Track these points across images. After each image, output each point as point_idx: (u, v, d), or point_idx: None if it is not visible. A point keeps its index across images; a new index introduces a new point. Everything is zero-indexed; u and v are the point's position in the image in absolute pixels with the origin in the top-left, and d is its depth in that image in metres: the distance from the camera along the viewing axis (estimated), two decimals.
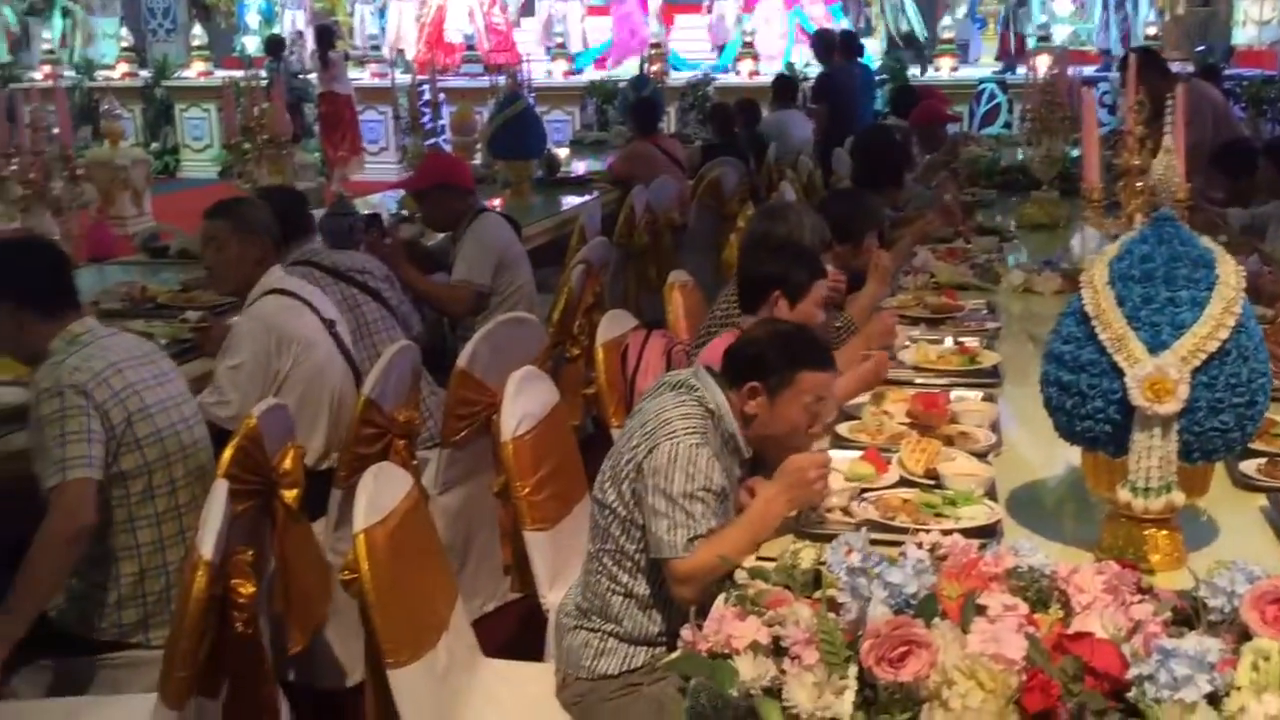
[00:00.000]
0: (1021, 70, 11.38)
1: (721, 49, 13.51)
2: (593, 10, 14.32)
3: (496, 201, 6.56)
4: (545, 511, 2.79)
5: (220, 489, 2.23)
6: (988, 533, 2.13)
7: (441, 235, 5.09)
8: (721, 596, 1.79)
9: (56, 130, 4.76)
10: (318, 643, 3.10)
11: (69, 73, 14.09)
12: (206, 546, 2.12)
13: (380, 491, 2.21)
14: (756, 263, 3.07)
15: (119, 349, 2.69)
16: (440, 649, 2.27)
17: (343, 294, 3.82)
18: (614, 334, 3.51)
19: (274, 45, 12.24)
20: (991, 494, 2.34)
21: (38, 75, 13.75)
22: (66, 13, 14.98)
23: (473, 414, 3.37)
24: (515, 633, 3.46)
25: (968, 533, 2.02)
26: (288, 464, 2.70)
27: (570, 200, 6.92)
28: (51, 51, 14.36)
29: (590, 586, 2.47)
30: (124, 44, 14.45)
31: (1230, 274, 1.89)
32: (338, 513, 3.11)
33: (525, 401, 2.84)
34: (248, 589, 2.27)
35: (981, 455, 2.55)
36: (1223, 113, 6.81)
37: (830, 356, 2.52)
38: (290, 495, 2.70)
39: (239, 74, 12.10)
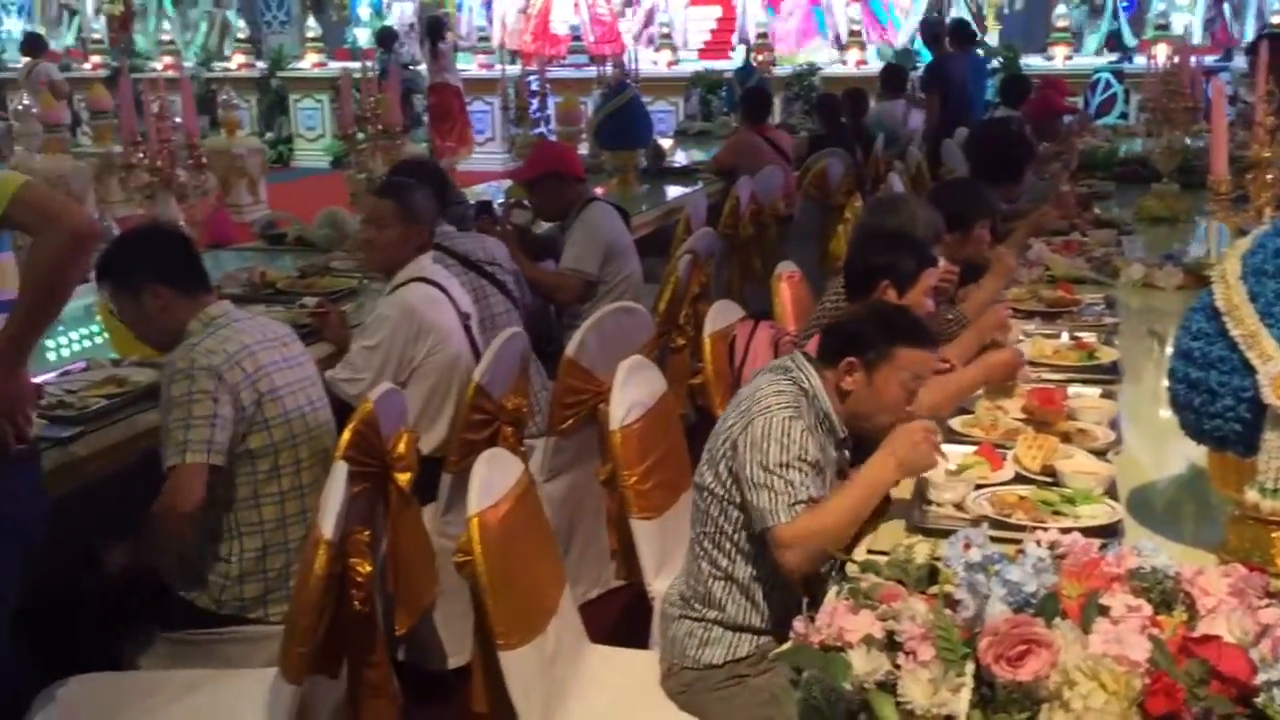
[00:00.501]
0: (1139, 60, 11.11)
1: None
2: (695, 1, 14.31)
3: (600, 191, 6.60)
4: (652, 500, 2.80)
5: (340, 470, 2.28)
6: (1108, 532, 2.08)
7: (550, 224, 5.13)
8: (833, 589, 1.78)
9: (180, 119, 4.91)
10: (423, 624, 3.16)
11: (188, 64, 14.52)
12: (327, 526, 2.17)
13: (493, 476, 2.24)
14: (866, 253, 3.04)
15: (253, 332, 2.76)
16: (549, 633, 2.29)
17: (472, 284, 3.88)
18: (721, 325, 3.50)
19: (385, 37, 12.46)
20: (1111, 493, 2.29)
21: (158, 65, 14.20)
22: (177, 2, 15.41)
23: (579, 402, 3.39)
24: (619, 620, 3.48)
25: (1088, 532, 1.96)
26: (401, 448, 2.75)
27: (675, 190, 6.93)
28: (172, 42, 14.80)
29: (692, 573, 2.48)
30: (240, 36, 14.84)
31: None
32: (448, 497, 3.16)
33: (634, 390, 2.85)
34: (365, 568, 2.32)
35: (1101, 453, 2.49)
36: None
37: (930, 335, 2.50)
38: (403, 479, 2.75)
39: (353, 65, 12.39)
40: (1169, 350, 2.26)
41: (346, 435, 2.59)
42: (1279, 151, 2.72)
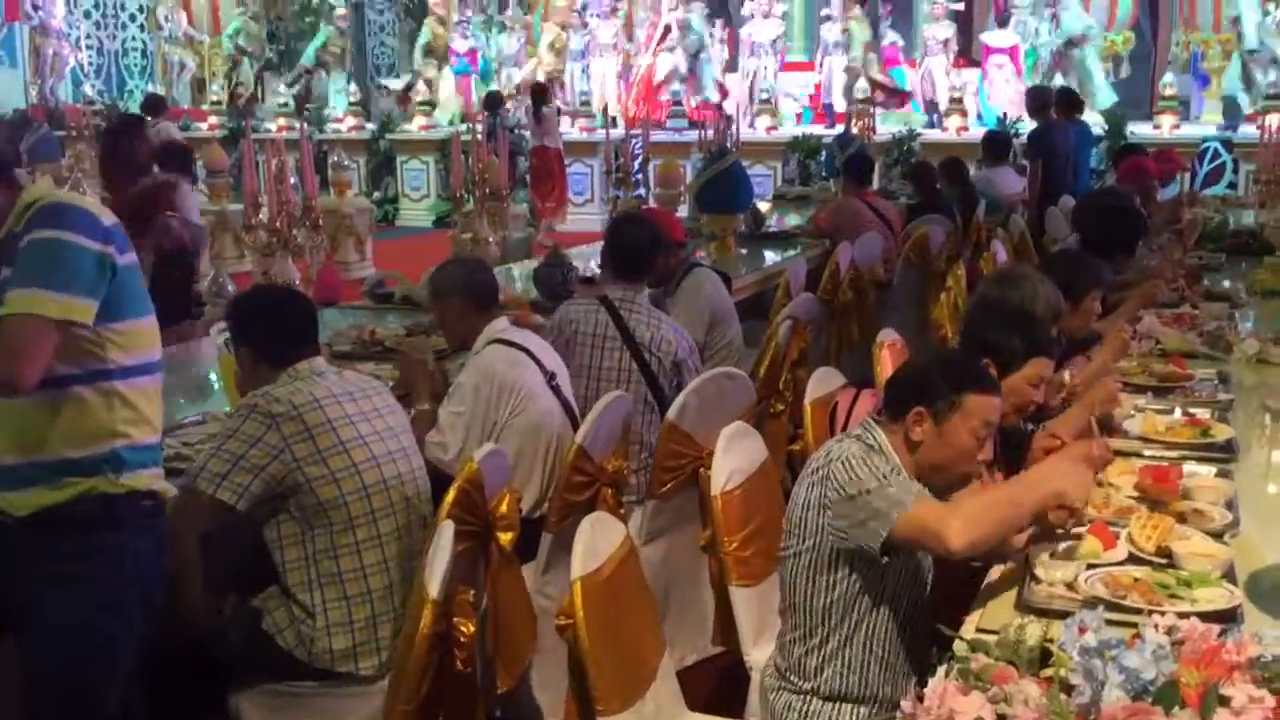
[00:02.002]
0: (1249, 129, 10.89)
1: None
2: (788, 66, 14.42)
3: (700, 254, 6.65)
4: (751, 567, 2.79)
5: (447, 530, 2.31)
6: (1227, 618, 2.02)
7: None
8: (942, 669, 1.75)
9: (294, 180, 5.08)
10: (520, 684, 3.17)
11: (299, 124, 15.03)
12: (434, 586, 2.20)
13: (596, 540, 2.26)
14: (980, 326, 3.01)
15: (333, 385, 2.83)
16: (648, 699, 2.29)
17: (620, 362, 3.94)
18: (823, 392, 3.49)
19: (492, 101, 12.75)
20: (1229, 576, 2.22)
21: (272, 127, 14.71)
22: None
23: (680, 466, 3.40)
24: (716, 688, 3.45)
25: (1205, 617, 1.92)
26: (504, 508, 2.78)
27: (774, 254, 6.95)
28: (285, 105, 15.32)
29: (786, 645, 2.46)
30: (351, 99, 15.31)
31: None
32: (547, 557, 3.18)
33: (735, 457, 2.85)
34: (469, 628, 2.35)
35: (1217, 535, 2.42)
36: None
37: (994, 380, 2.48)
38: (506, 538, 2.78)
39: (461, 128, 12.71)
40: None
41: (451, 494, 2.63)
42: None
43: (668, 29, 14.61)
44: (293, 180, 5.08)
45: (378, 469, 2.81)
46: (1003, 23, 13.56)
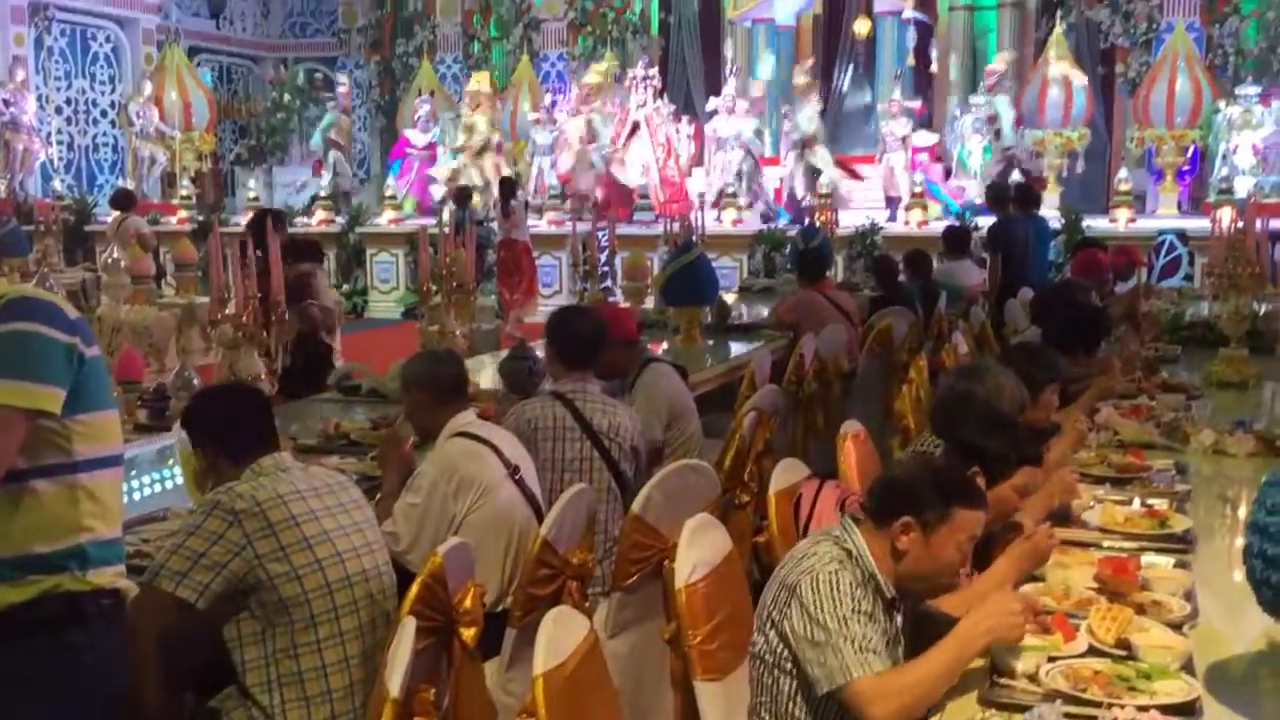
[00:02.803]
0: (1204, 222, 11.15)
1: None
2: (764, 161, 14.71)
3: (664, 346, 6.72)
4: (717, 661, 2.77)
5: (409, 626, 2.29)
6: (1187, 710, 2.03)
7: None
8: None
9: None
10: None
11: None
12: (395, 684, 2.18)
13: (559, 635, 2.24)
14: (956, 427, 3.04)
15: (297, 480, 2.82)
16: None
17: (582, 451, 3.95)
18: (787, 483, 3.50)
19: (462, 196, 12.87)
20: (1189, 668, 2.24)
21: (241, 220, 14.78)
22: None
23: (644, 559, 3.39)
24: None
25: (1165, 709, 1.94)
26: (468, 603, 2.76)
27: (739, 346, 7.01)
28: (256, 199, 15.42)
29: None
30: (323, 193, 15.44)
31: None
32: (511, 652, 3.15)
33: (700, 549, 2.85)
34: None
35: (1177, 626, 2.44)
36: None
37: (983, 495, 2.49)
38: (469, 634, 2.75)
39: (429, 221, 12.82)
40: (1243, 520, 2.24)
41: (415, 589, 2.61)
42: None
43: (635, 125, 14.88)
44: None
45: (342, 565, 2.79)
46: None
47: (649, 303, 8.34)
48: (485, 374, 5.64)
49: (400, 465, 3.61)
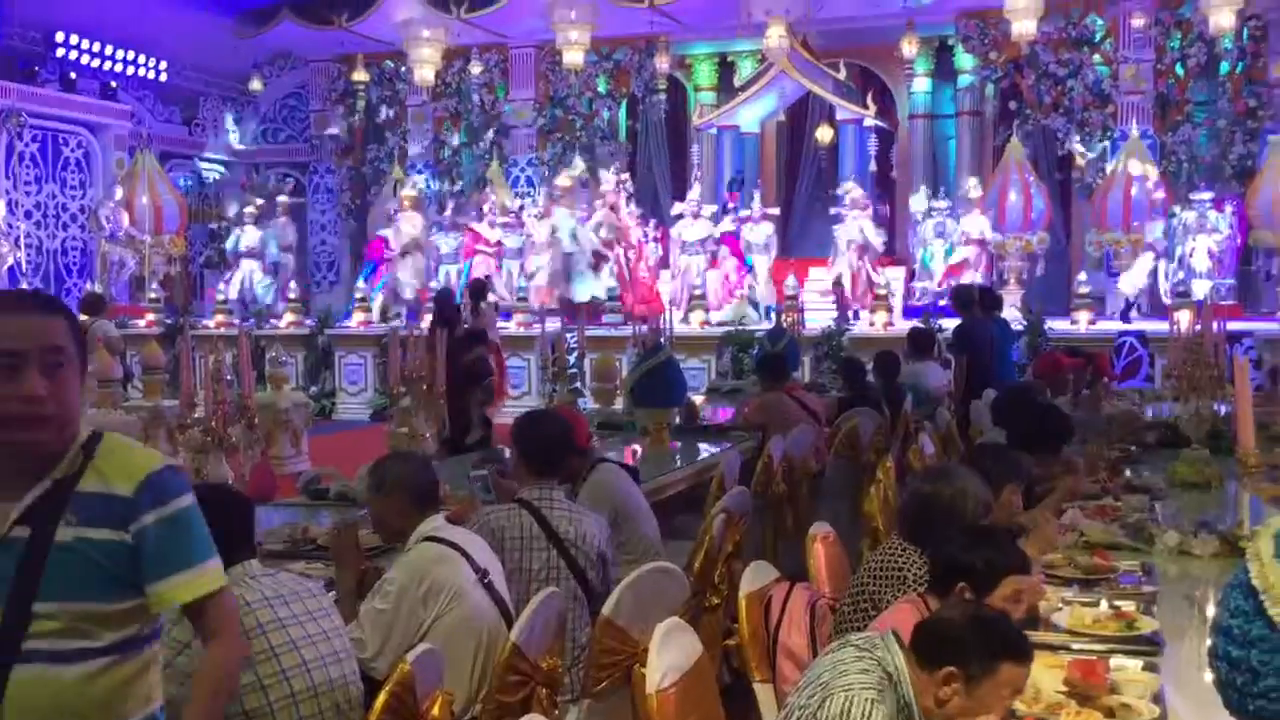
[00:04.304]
0: (1162, 324, 11.36)
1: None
2: (716, 262, 14.91)
3: (635, 448, 6.74)
4: None
5: None
6: None
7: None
8: None
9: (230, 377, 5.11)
10: None
11: (238, 322, 15.12)
12: None
13: None
14: (933, 537, 3.05)
15: (265, 588, 2.80)
16: None
17: (547, 559, 3.93)
18: (757, 585, 3.51)
19: (441, 299, 12.91)
20: None
21: (210, 323, 14.78)
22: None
23: (615, 663, 3.37)
24: None
25: None
26: (436, 711, 2.73)
27: (708, 447, 7.03)
28: (225, 301, 15.43)
29: None
30: (291, 295, 15.48)
31: None
32: None
33: (670, 654, 2.84)
34: None
35: None
36: None
37: (1030, 648, 2.43)
38: None
39: (399, 324, 12.86)
40: (1209, 620, 2.26)
41: (382, 698, 2.59)
42: None
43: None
44: (229, 376, 5.12)
45: (308, 675, 2.76)
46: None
47: (618, 404, 8.37)
48: (453, 478, 5.62)
49: (355, 564, 3.59)
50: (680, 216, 14.94)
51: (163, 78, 17.21)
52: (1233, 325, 10.62)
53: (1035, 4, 13.49)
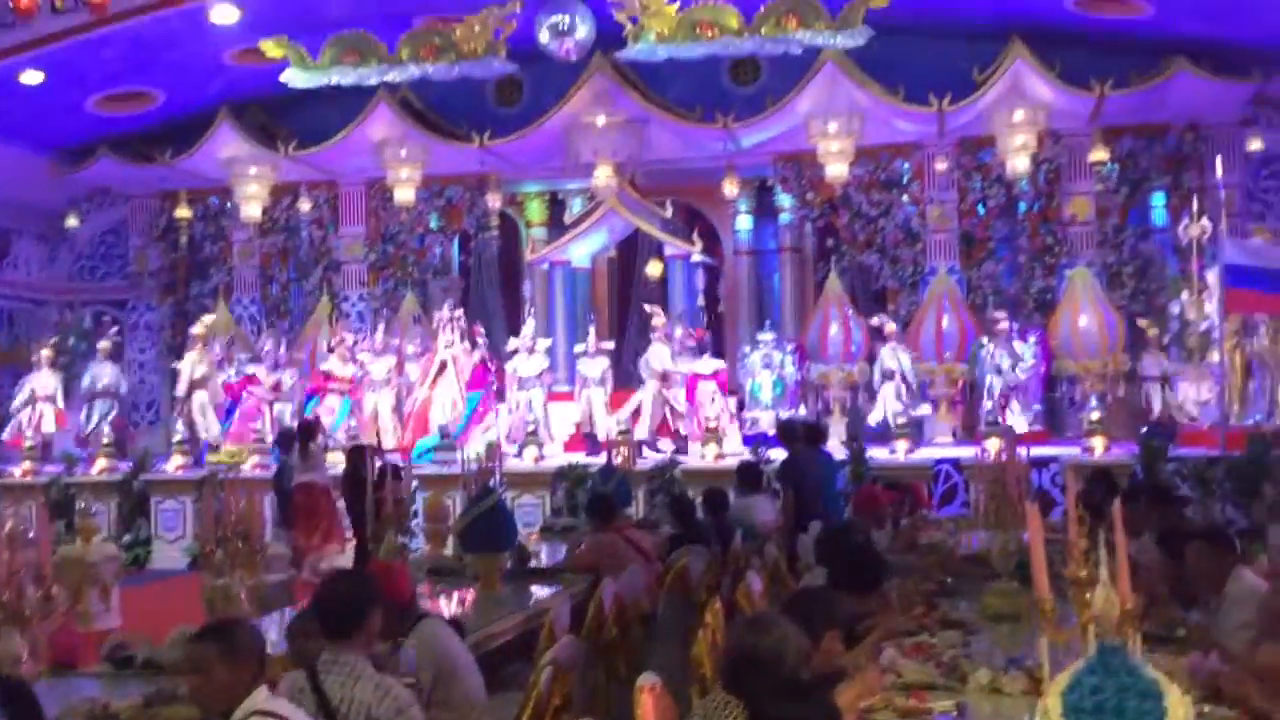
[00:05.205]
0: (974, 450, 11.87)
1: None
2: (554, 396, 14.99)
3: (469, 594, 6.63)
4: None
5: None
6: None
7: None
8: None
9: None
10: None
11: (48, 467, 14.35)
12: None
13: None
14: (753, 689, 3.07)
15: None
16: None
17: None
18: None
19: (285, 439, 12.53)
20: None
21: (17, 471, 13.97)
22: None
23: None
24: None
25: None
26: None
27: (540, 590, 6.97)
28: (33, 448, 14.61)
29: None
30: (105, 440, 14.77)
31: (1177, 705, 1.96)
32: None
33: None
34: None
35: None
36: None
37: None
38: None
39: (220, 467, 12.42)
40: None
41: None
42: (1095, 570, 2.91)
43: (443, 365, 15.02)
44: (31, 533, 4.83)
45: None
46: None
47: (449, 548, 8.23)
48: (274, 633, 5.41)
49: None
50: (515, 352, 14.98)
51: None
52: (1039, 451, 11.21)
53: (847, 149, 14.28)
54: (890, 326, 14.51)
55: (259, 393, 15.35)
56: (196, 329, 15.52)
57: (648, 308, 14.99)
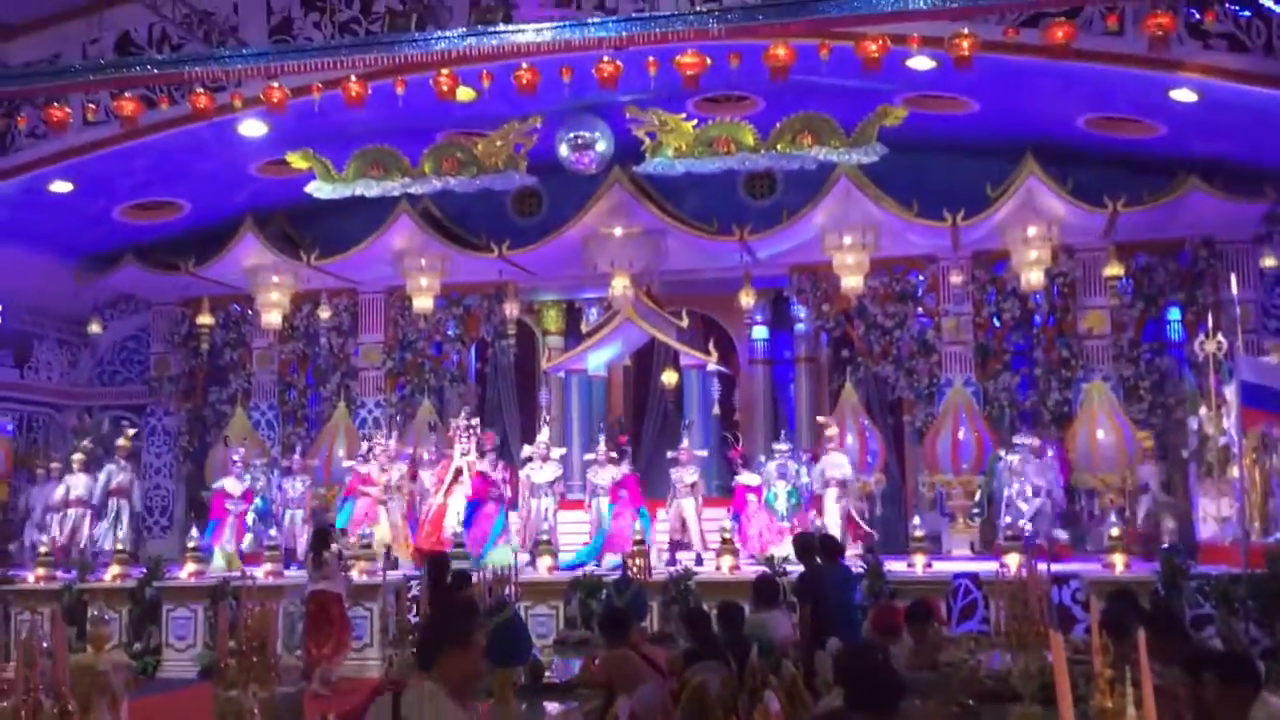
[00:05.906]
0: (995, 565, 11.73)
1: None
2: (565, 504, 14.93)
3: (483, 709, 6.52)
4: None
5: None
6: None
7: None
8: None
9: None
10: None
11: (61, 573, 14.27)
12: None
13: None
14: None
15: None
16: None
17: None
18: None
19: (323, 535, 12.46)
20: None
21: (30, 578, 13.89)
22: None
23: None
24: None
25: None
26: None
27: (554, 707, 6.87)
28: (49, 554, 14.53)
29: None
30: (119, 546, 14.72)
31: None
32: None
33: None
34: None
35: None
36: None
37: None
38: None
39: (234, 574, 12.34)
40: None
41: None
42: (1120, 701, 2.88)
43: (459, 471, 15.00)
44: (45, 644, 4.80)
45: None
46: (748, 464, 14.64)
47: None
48: None
49: None
50: (530, 459, 14.98)
51: None
52: (1060, 567, 11.09)
53: (862, 261, 14.42)
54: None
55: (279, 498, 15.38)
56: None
57: (820, 420, 14.97)
